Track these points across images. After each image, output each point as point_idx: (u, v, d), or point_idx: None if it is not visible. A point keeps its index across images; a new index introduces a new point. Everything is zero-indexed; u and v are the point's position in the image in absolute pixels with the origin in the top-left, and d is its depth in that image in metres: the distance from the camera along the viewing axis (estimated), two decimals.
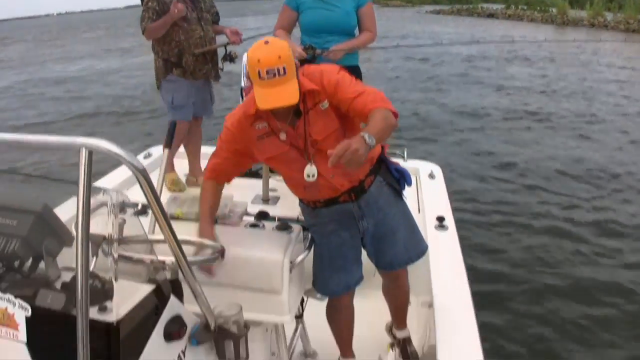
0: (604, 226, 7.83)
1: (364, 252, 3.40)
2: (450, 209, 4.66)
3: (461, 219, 6.11)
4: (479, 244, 7.22)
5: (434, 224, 4.32)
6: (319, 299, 3.45)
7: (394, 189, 3.24)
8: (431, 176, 5.25)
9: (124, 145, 1.61)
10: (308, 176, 2.92)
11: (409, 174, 3.29)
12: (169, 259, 1.97)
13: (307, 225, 3.30)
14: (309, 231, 3.26)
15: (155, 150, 5.53)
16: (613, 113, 13.22)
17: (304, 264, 3.28)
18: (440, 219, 4.36)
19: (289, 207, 3.68)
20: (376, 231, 3.12)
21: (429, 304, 3.62)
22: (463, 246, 4.13)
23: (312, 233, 3.25)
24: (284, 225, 3.24)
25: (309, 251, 3.17)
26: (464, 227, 6.29)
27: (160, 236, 1.99)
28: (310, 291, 3.44)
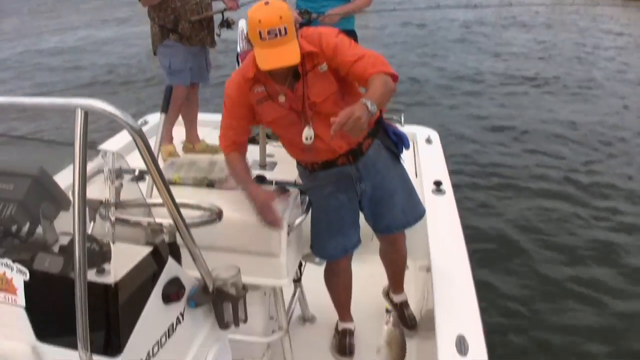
0: (599, 189, 7.88)
1: (361, 216, 3.41)
2: (448, 173, 4.65)
3: (458, 184, 6.13)
4: (476, 207, 7.26)
5: (432, 188, 4.32)
6: (317, 263, 3.46)
7: (391, 152, 3.25)
8: (428, 141, 5.23)
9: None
10: (306, 139, 2.93)
11: (406, 137, 3.29)
12: (166, 222, 1.97)
13: (304, 189, 3.30)
14: (306, 195, 3.26)
15: (151, 118, 5.51)
16: (611, 79, 13.13)
17: (301, 227, 3.28)
18: (438, 184, 4.36)
19: (286, 172, 3.68)
20: (374, 194, 3.12)
21: (426, 268, 3.63)
22: (460, 210, 4.14)
23: (309, 196, 3.25)
24: (281, 188, 3.25)
25: (306, 214, 3.17)
26: (461, 192, 6.34)
27: (157, 200, 1.99)
28: (309, 256, 3.45)
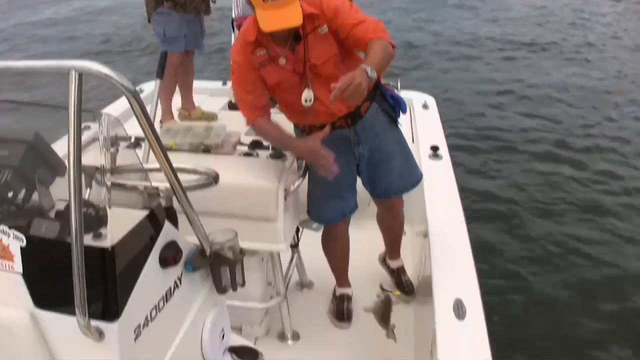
0: (595, 151, 7.94)
1: (358, 181, 3.41)
2: (444, 138, 4.64)
3: (455, 148, 6.15)
4: (473, 170, 7.33)
5: (428, 153, 4.31)
6: (314, 229, 3.47)
7: (389, 115, 3.25)
8: (425, 106, 5.21)
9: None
10: (305, 101, 2.93)
11: (404, 101, 3.28)
12: (162, 185, 1.96)
13: None
14: (302, 159, 3.26)
15: (147, 86, 5.47)
16: (608, 45, 13.05)
17: (298, 193, 3.28)
18: (435, 149, 4.34)
19: None
20: (371, 157, 3.12)
21: (424, 233, 3.63)
22: (457, 174, 4.13)
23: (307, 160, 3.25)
24: (277, 153, 3.24)
25: (303, 178, 3.17)
26: (458, 155, 6.37)
27: (153, 165, 1.98)
28: (306, 222, 3.46)
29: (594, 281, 5.29)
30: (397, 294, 3.38)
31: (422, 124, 4.84)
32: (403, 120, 3.40)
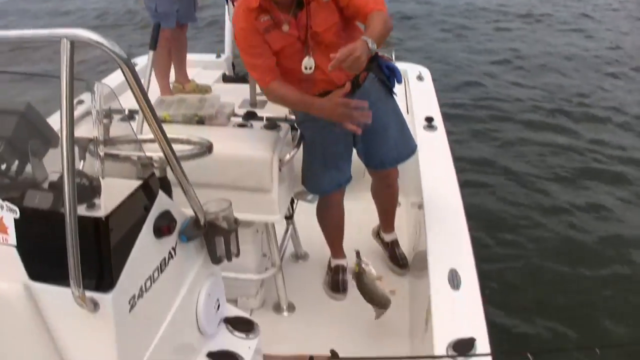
0: (592, 120, 8.01)
1: (353, 152, 3.40)
2: (439, 109, 4.64)
3: (450, 119, 6.16)
4: (468, 139, 7.38)
5: (423, 124, 4.31)
6: (309, 201, 3.46)
7: (385, 85, 3.25)
8: (419, 78, 5.20)
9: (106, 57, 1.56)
10: (305, 68, 2.93)
11: (399, 71, 3.28)
12: (156, 155, 1.95)
13: (298, 122, 3.29)
14: (297, 130, 3.26)
15: (140, 60, 5.44)
16: (605, 16, 13.03)
17: (293, 165, 3.28)
18: (429, 120, 4.34)
19: (277, 109, 3.65)
20: (367, 128, 3.10)
21: (419, 204, 3.64)
22: (452, 143, 4.14)
23: (303, 130, 3.25)
24: (272, 124, 3.23)
25: (297, 149, 3.17)
26: (453, 125, 6.42)
27: (147, 136, 1.97)
28: (301, 193, 3.45)
29: (588, 246, 5.36)
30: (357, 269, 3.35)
31: (416, 96, 4.84)
32: (397, 91, 3.39)
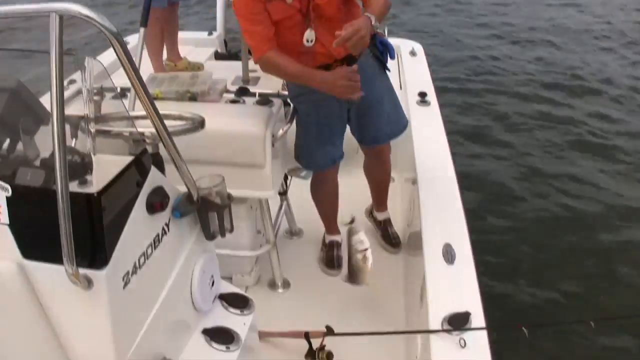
0: (588, 91, 8.12)
1: (346, 129, 3.39)
2: (432, 84, 4.63)
3: (443, 93, 6.19)
4: (461, 114, 7.43)
5: (416, 99, 4.30)
6: (303, 177, 3.45)
7: (379, 61, 3.24)
8: (412, 53, 5.18)
9: (101, 35, 1.54)
10: (307, 41, 2.92)
11: (392, 47, 3.27)
12: (148, 130, 1.93)
13: (292, 96, 3.28)
14: (290, 106, 3.24)
15: (131, 39, 5.40)
16: None
17: (286, 140, 3.26)
18: (423, 95, 4.33)
19: (269, 86, 3.63)
20: (362, 102, 3.08)
21: (412, 180, 3.63)
22: (445, 119, 4.13)
23: (298, 104, 3.24)
24: (264, 99, 3.21)
25: (290, 124, 3.15)
26: (446, 100, 6.41)
27: (139, 112, 1.95)
28: (294, 170, 3.44)
29: (581, 218, 5.42)
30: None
31: (410, 71, 4.82)
32: (391, 67, 3.37)
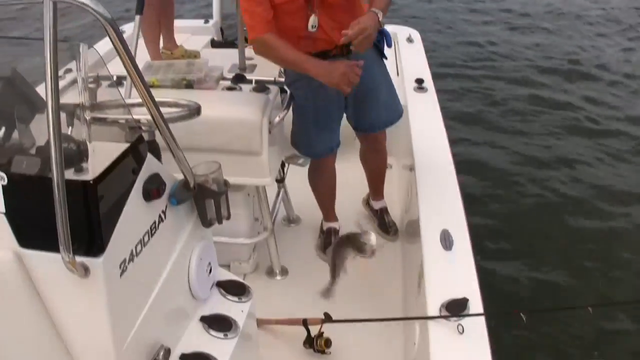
0: (585, 76, 8.23)
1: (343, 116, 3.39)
2: (429, 71, 4.62)
3: (440, 78, 6.22)
4: (457, 99, 7.49)
5: (413, 86, 4.29)
6: (301, 164, 3.45)
7: (377, 48, 3.24)
8: (409, 40, 5.18)
9: (97, 23, 1.52)
10: (312, 27, 2.91)
11: (389, 34, 3.28)
12: (144, 117, 1.93)
13: (290, 82, 3.27)
14: (286, 92, 3.23)
15: (127, 27, 5.38)
16: None
17: (283, 128, 3.26)
18: (420, 81, 4.33)
19: (266, 73, 3.62)
20: (359, 90, 3.07)
21: (410, 167, 3.63)
22: (442, 104, 4.13)
23: (295, 90, 3.24)
24: (261, 86, 3.22)
25: (287, 111, 3.15)
26: (442, 86, 6.42)
27: (135, 100, 1.94)
28: (292, 157, 3.44)
29: (579, 202, 5.47)
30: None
31: (406, 58, 4.82)
32: (388, 54, 3.37)
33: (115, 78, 2.55)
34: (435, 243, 2.80)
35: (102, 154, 1.70)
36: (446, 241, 2.79)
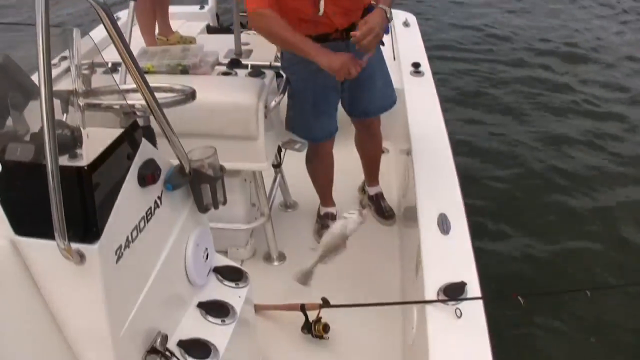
0: (584, 57, 8.32)
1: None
2: (426, 55, 4.61)
3: (436, 62, 6.19)
4: (452, 82, 7.47)
5: (410, 70, 4.28)
6: (298, 149, 3.43)
7: None
8: (406, 24, 5.16)
9: (90, 11, 1.50)
10: (320, 10, 2.89)
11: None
12: (138, 103, 1.91)
13: (286, 65, 3.27)
14: (282, 77, 3.22)
15: (122, 14, 5.35)
16: None
17: (279, 113, 3.24)
18: (416, 65, 4.31)
19: (262, 58, 3.61)
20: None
21: (407, 150, 3.62)
22: (439, 87, 4.12)
23: (293, 73, 3.22)
24: (256, 71, 3.20)
25: (283, 95, 3.13)
26: (438, 69, 6.41)
27: (129, 85, 1.93)
28: (288, 142, 3.43)
29: (578, 183, 5.47)
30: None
31: (403, 42, 4.80)
32: (384, 40, 3.34)
33: (110, 65, 2.53)
34: (433, 227, 2.80)
35: (97, 139, 1.68)
36: (443, 225, 2.79)
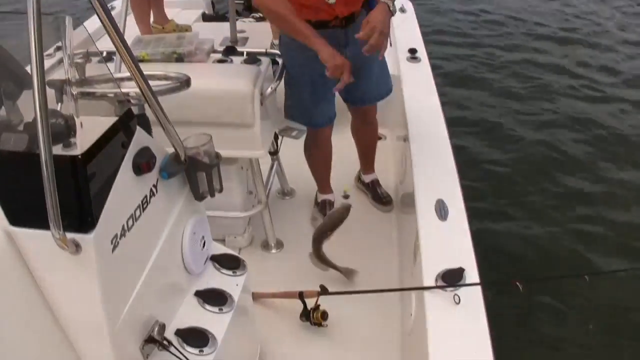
0: (581, 41, 8.38)
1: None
2: (422, 41, 4.59)
3: (433, 48, 6.20)
4: (450, 69, 7.47)
5: (406, 56, 4.27)
6: (295, 137, 3.42)
7: None
8: (402, 10, 5.13)
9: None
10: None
11: None
12: (132, 91, 1.90)
13: (284, 49, 3.24)
14: (278, 64, 3.20)
15: (117, 3, 5.32)
16: None
17: (275, 100, 3.23)
18: (413, 51, 4.30)
19: (257, 45, 3.59)
20: (353, 62, 3.04)
21: (404, 137, 3.61)
22: (435, 77, 4.10)
23: (291, 59, 3.20)
24: (252, 58, 3.19)
25: (279, 81, 3.11)
26: (435, 56, 6.41)
27: (124, 74, 1.91)
28: (285, 130, 3.41)
29: (576, 165, 5.51)
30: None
31: (400, 28, 4.78)
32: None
33: (104, 54, 2.51)
34: (431, 213, 2.79)
35: (91, 128, 1.67)
36: (441, 211, 2.78)
